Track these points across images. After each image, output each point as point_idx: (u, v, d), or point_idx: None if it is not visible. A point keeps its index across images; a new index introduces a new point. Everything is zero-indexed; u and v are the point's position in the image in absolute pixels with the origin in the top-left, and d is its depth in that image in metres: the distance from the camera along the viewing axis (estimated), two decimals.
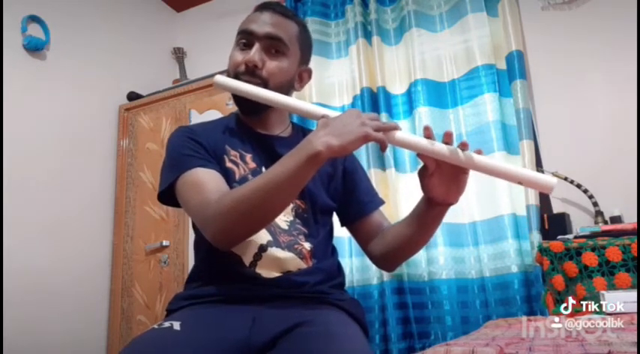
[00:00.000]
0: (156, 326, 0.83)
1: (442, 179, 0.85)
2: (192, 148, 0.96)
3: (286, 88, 1.02)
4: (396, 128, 0.82)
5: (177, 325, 0.82)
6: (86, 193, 2.55)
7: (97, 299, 2.52)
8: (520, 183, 0.80)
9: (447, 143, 0.81)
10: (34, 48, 2.35)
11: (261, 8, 1.03)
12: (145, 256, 2.58)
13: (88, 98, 2.63)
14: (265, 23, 0.99)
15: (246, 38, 1.00)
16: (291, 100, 0.95)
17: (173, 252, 2.52)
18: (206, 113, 2.61)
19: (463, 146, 0.81)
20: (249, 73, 0.98)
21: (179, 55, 3.07)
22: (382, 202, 1.10)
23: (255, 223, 0.86)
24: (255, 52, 0.98)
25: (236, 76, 0.99)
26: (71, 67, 2.54)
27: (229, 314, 0.87)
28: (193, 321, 0.85)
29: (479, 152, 0.82)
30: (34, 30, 2.39)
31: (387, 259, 1.02)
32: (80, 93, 2.58)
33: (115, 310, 2.54)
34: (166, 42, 3.15)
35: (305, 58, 1.08)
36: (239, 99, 0.99)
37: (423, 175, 0.86)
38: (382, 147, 0.80)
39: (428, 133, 0.82)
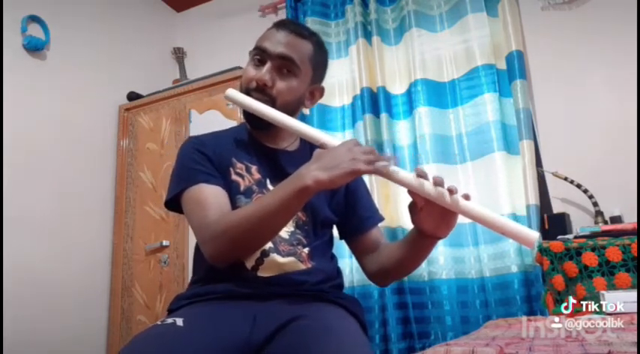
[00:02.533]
0: (159, 323, 0.84)
1: (431, 215, 0.86)
2: (198, 161, 0.99)
3: (294, 106, 1.05)
4: (388, 161, 0.83)
5: (180, 322, 0.83)
6: (86, 192, 2.55)
7: (97, 299, 2.52)
8: (503, 234, 0.81)
9: (436, 184, 0.82)
10: (34, 48, 2.34)
11: (278, 26, 1.05)
12: (145, 256, 2.58)
13: (88, 98, 2.63)
14: (279, 43, 1.01)
15: (260, 55, 1.03)
16: (296, 123, 0.96)
17: (173, 252, 2.52)
18: (206, 113, 2.61)
19: (450, 191, 0.80)
20: (259, 90, 1.01)
21: (179, 55, 3.07)
22: (381, 219, 1.14)
23: (247, 248, 0.92)
24: (266, 71, 1.00)
25: (247, 91, 1.02)
26: (71, 67, 2.54)
27: (231, 312, 0.89)
28: (196, 318, 0.86)
29: (466, 197, 0.81)
30: (34, 30, 2.38)
31: (379, 276, 1.06)
32: (80, 93, 2.58)
33: (115, 309, 2.53)
34: (166, 42, 3.15)
35: (317, 77, 1.09)
36: (248, 114, 1.02)
37: (412, 209, 0.88)
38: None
39: (419, 173, 0.83)
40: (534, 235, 0.79)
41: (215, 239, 0.89)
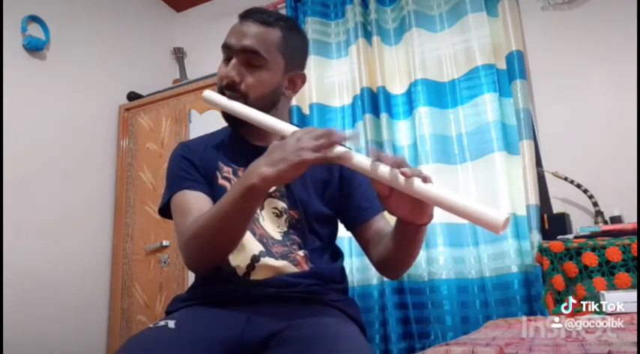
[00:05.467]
0: (151, 325, 0.84)
1: (402, 202, 0.77)
2: (183, 168, 1.00)
3: (270, 99, 1.00)
4: (337, 142, 0.76)
5: (171, 324, 0.82)
6: (86, 193, 2.55)
7: (97, 299, 2.52)
8: (466, 218, 0.70)
9: (393, 166, 0.74)
10: (34, 48, 2.35)
11: (241, 17, 1.00)
12: (145, 256, 2.58)
13: (88, 98, 2.63)
14: (243, 35, 0.97)
15: (225, 52, 1.00)
16: (264, 118, 0.92)
17: (173, 252, 2.52)
18: (206, 113, 2.61)
19: (404, 174, 0.72)
20: (230, 88, 0.98)
21: (179, 55, 3.07)
22: (382, 207, 1.04)
23: (213, 252, 0.89)
24: (231, 68, 0.97)
25: (221, 90, 1.00)
26: (71, 67, 2.54)
27: (223, 313, 0.88)
28: (188, 320, 0.86)
29: (424, 179, 0.72)
30: (34, 30, 2.38)
31: (383, 267, 1.00)
32: (80, 93, 2.58)
33: (115, 310, 2.54)
34: (166, 42, 3.15)
35: (294, 64, 1.03)
36: (225, 113, 1.00)
37: (380, 197, 0.80)
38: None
39: (374, 155, 0.76)
40: (500, 218, 0.67)
41: (185, 247, 0.90)
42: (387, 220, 1.04)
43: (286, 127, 0.88)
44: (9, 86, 2.20)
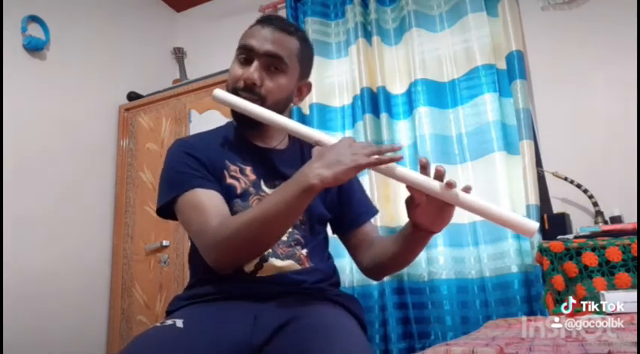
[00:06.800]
0: (158, 324, 0.84)
1: (428, 210, 0.86)
2: (190, 165, 0.97)
3: (284, 104, 1.03)
4: (390, 161, 0.83)
5: (179, 323, 0.82)
6: (86, 193, 2.55)
7: (97, 299, 2.52)
8: (503, 225, 0.81)
9: (436, 178, 0.82)
10: (34, 48, 2.34)
11: (262, 22, 1.02)
12: (145, 256, 2.58)
13: (88, 98, 2.63)
14: (266, 40, 0.99)
15: (246, 54, 1.00)
16: (289, 122, 0.95)
17: (173, 252, 2.52)
18: (206, 113, 2.61)
19: (449, 185, 0.80)
20: (248, 90, 0.98)
21: (179, 55, 3.07)
22: (376, 212, 1.13)
23: (252, 252, 0.90)
24: (254, 70, 0.98)
25: (234, 90, 1.00)
26: (71, 67, 2.54)
27: (231, 313, 0.88)
28: (195, 319, 0.85)
29: (466, 190, 0.82)
30: (34, 30, 2.38)
31: (373, 271, 1.05)
32: (80, 93, 2.58)
33: (115, 310, 2.54)
34: (166, 42, 3.15)
35: (304, 73, 1.08)
36: (237, 114, 1.00)
37: (409, 204, 0.87)
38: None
39: (422, 164, 0.83)
40: (534, 225, 0.79)
41: (219, 244, 0.87)
42: (374, 226, 1.12)
43: (314, 133, 0.92)
44: (9, 86, 2.20)
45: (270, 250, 0.95)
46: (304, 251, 0.99)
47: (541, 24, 2.28)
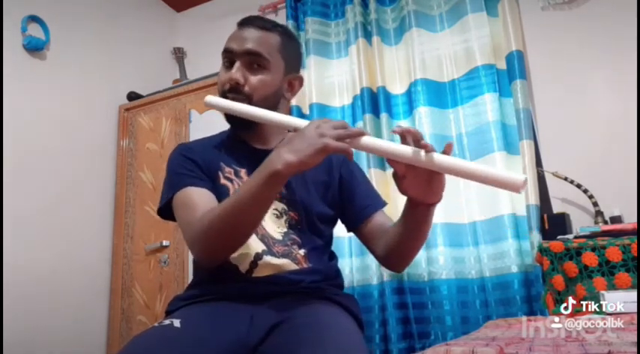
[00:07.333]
0: (156, 324, 0.85)
1: (416, 181, 0.82)
2: (186, 166, 1.00)
3: (273, 100, 1.03)
4: (361, 134, 0.80)
5: (177, 323, 0.83)
6: (86, 192, 2.55)
7: (97, 299, 2.52)
8: (487, 183, 0.74)
9: (414, 145, 0.79)
10: (34, 48, 2.34)
11: (241, 24, 1.04)
12: (145, 256, 2.58)
13: (88, 98, 2.63)
14: (245, 40, 1.01)
15: (228, 57, 1.02)
16: (275, 115, 0.94)
17: (173, 252, 2.52)
18: (206, 113, 2.61)
19: (425, 147, 0.77)
20: (234, 90, 1.00)
21: (179, 55, 3.07)
22: (383, 204, 1.09)
23: (230, 241, 0.88)
24: (236, 71, 1.00)
25: (223, 94, 1.01)
26: (71, 67, 2.54)
27: (227, 312, 0.89)
28: (193, 319, 0.86)
29: (446, 151, 0.78)
30: (34, 30, 2.38)
31: (390, 260, 1.02)
32: (80, 93, 2.58)
33: (115, 310, 2.53)
34: (166, 42, 3.15)
35: (292, 67, 1.07)
36: (229, 116, 1.02)
37: (395, 178, 0.84)
38: (348, 157, 0.79)
39: (397, 131, 0.81)
40: (521, 177, 0.72)
41: (199, 235, 0.88)
42: (387, 216, 1.07)
43: (298, 121, 0.90)
44: (9, 86, 2.20)
45: (265, 248, 0.96)
46: (302, 251, 0.99)
47: (541, 24, 2.28)
